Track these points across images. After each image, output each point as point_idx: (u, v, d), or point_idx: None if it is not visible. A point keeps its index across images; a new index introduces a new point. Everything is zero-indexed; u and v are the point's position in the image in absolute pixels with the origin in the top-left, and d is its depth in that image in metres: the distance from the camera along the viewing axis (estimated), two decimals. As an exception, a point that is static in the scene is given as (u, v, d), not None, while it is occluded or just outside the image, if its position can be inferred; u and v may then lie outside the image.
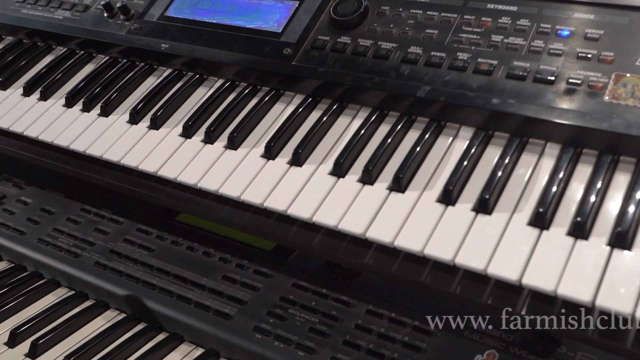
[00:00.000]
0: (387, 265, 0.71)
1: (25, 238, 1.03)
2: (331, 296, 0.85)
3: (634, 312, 0.58)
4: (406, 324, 0.80)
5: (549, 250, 0.64)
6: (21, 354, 0.83)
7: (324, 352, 0.78)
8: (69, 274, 0.96)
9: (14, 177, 1.17)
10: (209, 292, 0.88)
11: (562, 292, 0.61)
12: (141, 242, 0.98)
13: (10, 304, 0.91)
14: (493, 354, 0.75)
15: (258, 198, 0.77)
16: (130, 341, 0.84)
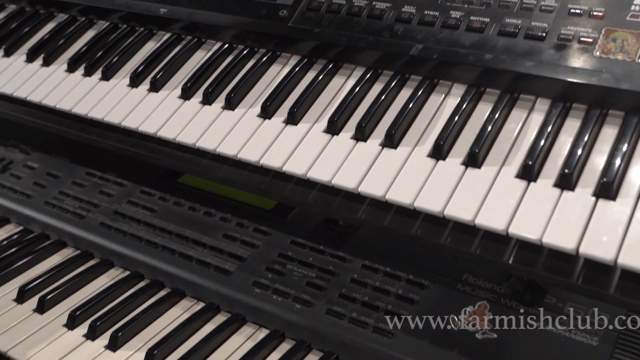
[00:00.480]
0: (380, 218, 0.73)
1: (32, 201, 1.05)
2: (328, 252, 0.87)
3: (616, 259, 0.60)
4: (400, 277, 0.82)
5: (536, 201, 0.66)
6: (29, 310, 0.86)
7: (320, 304, 0.80)
8: (74, 235, 0.98)
9: (21, 144, 1.20)
10: (210, 249, 0.90)
11: (547, 240, 0.62)
12: (144, 204, 1.01)
13: (18, 263, 0.93)
14: (484, 305, 0.77)
15: (254, 156, 0.79)
16: (133, 297, 0.86)
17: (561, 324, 0.74)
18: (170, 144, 0.88)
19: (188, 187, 1.03)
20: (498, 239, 0.67)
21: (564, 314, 0.75)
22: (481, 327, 0.75)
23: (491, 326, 0.75)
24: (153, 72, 0.94)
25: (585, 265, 0.64)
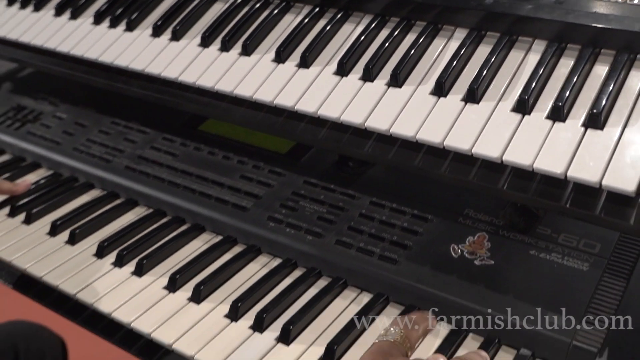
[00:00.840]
0: (385, 152, 0.79)
1: (62, 148, 1.12)
2: (338, 191, 0.93)
3: (601, 181, 0.65)
4: (405, 212, 0.87)
5: (529, 132, 0.71)
6: (62, 242, 0.93)
7: (330, 236, 0.86)
8: (101, 177, 1.05)
9: (49, 97, 1.26)
10: (228, 189, 0.96)
11: (538, 166, 0.68)
12: (166, 149, 1.07)
13: (50, 202, 1.00)
14: (483, 235, 0.83)
15: (269, 97, 0.84)
16: (157, 230, 0.93)
17: (554, 251, 0.79)
18: (190, 89, 0.94)
19: (207, 134, 1.09)
20: (494, 168, 0.73)
21: (557, 243, 0.80)
22: (479, 255, 0.80)
23: (489, 254, 0.80)
24: (175, 23, 0.99)
25: (574, 190, 0.69)
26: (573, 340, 0.69)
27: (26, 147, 1.15)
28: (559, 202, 0.69)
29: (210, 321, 0.79)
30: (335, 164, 0.98)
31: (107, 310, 0.81)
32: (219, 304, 0.81)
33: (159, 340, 0.77)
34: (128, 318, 0.79)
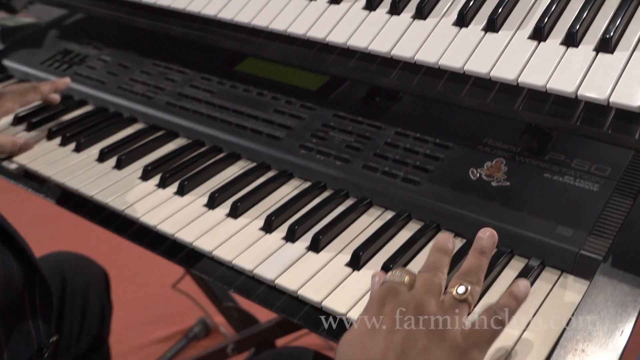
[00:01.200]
0: (409, 80, 0.85)
1: (106, 86, 1.20)
2: (366, 122, 0.99)
3: (609, 98, 0.70)
4: (428, 141, 0.93)
5: (544, 56, 0.76)
6: (109, 167, 1.01)
7: (357, 161, 0.93)
8: (144, 112, 1.12)
9: (94, 41, 1.33)
10: (262, 121, 1.03)
11: (551, 86, 0.73)
12: (204, 87, 1.14)
13: (97, 133, 1.08)
14: (500, 160, 0.88)
15: (301, 30, 0.91)
16: (196, 157, 1.00)
17: (567, 174, 0.84)
18: (228, 26, 1.01)
19: (243, 74, 1.15)
20: (510, 91, 0.78)
21: (570, 167, 0.85)
22: (496, 178, 0.86)
23: (505, 177, 0.86)
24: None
25: (584, 109, 0.74)
26: (580, 250, 0.75)
27: (73, 86, 1.22)
28: (570, 120, 0.74)
29: (247, 233, 0.86)
30: (362, 99, 1.04)
31: (153, 224, 0.89)
32: (254, 219, 0.88)
33: (200, 249, 0.84)
34: (172, 230, 0.87)
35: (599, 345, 0.64)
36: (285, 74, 1.12)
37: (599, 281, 0.71)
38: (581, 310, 0.68)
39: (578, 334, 0.65)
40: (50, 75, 1.26)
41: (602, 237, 0.75)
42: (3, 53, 1.34)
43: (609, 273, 0.71)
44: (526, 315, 0.70)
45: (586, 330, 0.66)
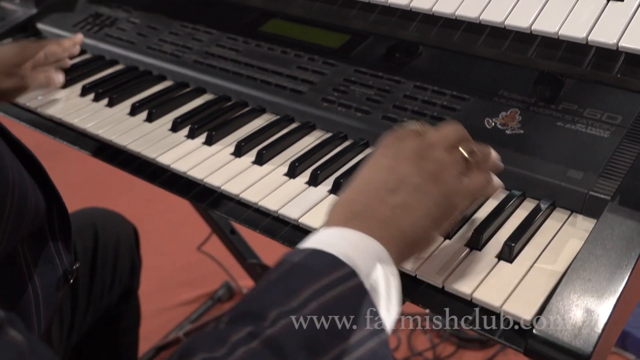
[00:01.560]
0: (427, 32, 0.88)
1: (136, 47, 1.25)
2: (385, 77, 1.03)
3: (618, 42, 0.73)
4: (445, 93, 0.97)
5: (557, 4, 0.80)
6: (141, 120, 1.06)
7: (377, 113, 0.97)
8: (172, 70, 1.17)
9: (123, 5, 1.38)
10: (286, 77, 1.07)
11: (564, 32, 0.77)
12: (230, 46, 1.18)
13: (129, 88, 1.13)
14: (515, 110, 0.92)
15: (324, -15, 0.95)
16: (223, 110, 1.05)
17: (579, 123, 0.87)
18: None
19: (267, 34, 1.19)
20: (524, 40, 0.82)
21: (582, 116, 0.88)
22: (511, 126, 0.90)
23: (519, 125, 0.89)
24: None
25: (595, 55, 0.78)
26: (590, 191, 0.79)
27: (104, 47, 1.28)
28: (581, 66, 0.78)
29: (272, 178, 0.91)
30: (383, 56, 1.07)
31: (183, 170, 0.94)
32: (278, 165, 0.93)
33: (228, 192, 0.89)
34: (201, 175, 0.92)
35: (605, 275, 0.68)
36: (308, 33, 1.16)
37: (607, 218, 0.74)
38: (589, 243, 0.72)
39: (585, 264, 0.69)
40: (84, 37, 1.32)
41: (610, 179, 0.79)
42: (37, 17, 1.39)
43: (616, 211, 0.75)
44: (537, 249, 0.74)
45: (593, 261, 0.70)
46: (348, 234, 0.62)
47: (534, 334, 0.65)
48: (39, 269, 0.76)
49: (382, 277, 0.60)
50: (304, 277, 0.57)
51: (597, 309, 0.65)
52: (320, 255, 0.59)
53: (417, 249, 0.66)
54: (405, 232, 0.64)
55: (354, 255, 0.59)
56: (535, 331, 0.65)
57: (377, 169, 0.68)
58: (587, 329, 0.64)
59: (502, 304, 0.68)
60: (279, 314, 0.54)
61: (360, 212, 0.64)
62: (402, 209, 0.64)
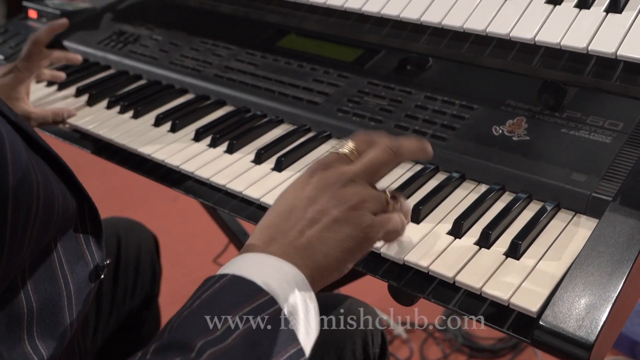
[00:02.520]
0: (437, 45, 0.93)
1: (159, 62, 1.31)
2: (397, 88, 1.08)
3: (616, 52, 0.78)
4: (455, 103, 1.02)
5: (559, 17, 0.84)
6: (165, 131, 1.12)
7: (390, 122, 1.02)
8: (194, 84, 1.23)
9: (146, 23, 1.45)
10: (302, 89, 1.13)
11: (565, 43, 0.81)
12: (249, 61, 1.24)
13: (153, 101, 1.19)
14: (521, 118, 0.96)
15: (338, 2, 1.00)
16: (243, 120, 1.10)
17: (582, 129, 0.92)
18: (272, 2, 1.10)
19: (284, 48, 1.25)
20: (528, 50, 0.87)
21: (585, 123, 0.93)
22: (517, 133, 0.94)
23: (525, 132, 0.94)
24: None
25: (595, 64, 0.82)
26: (592, 192, 0.83)
27: (128, 63, 1.34)
28: (582, 74, 0.83)
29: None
30: (395, 68, 1.13)
31: (206, 176, 0.99)
32: (297, 172, 0.98)
33: (249, 197, 0.94)
34: (224, 181, 0.97)
35: (607, 270, 0.72)
36: (323, 48, 1.22)
37: (608, 217, 0.79)
38: (591, 240, 0.76)
39: (588, 260, 0.74)
40: (108, 53, 1.38)
41: (612, 181, 0.83)
42: (63, 35, 1.46)
43: (617, 210, 0.79)
44: (543, 247, 0.79)
45: (595, 257, 0.74)
46: (267, 259, 0.64)
47: (540, 325, 0.69)
48: (72, 265, 0.80)
49: (301, 301, 0.62)
50: (225, 305, 0.59)
51: (600, 301, 0.69)
52: (241, 282, 0.62)
53: (330, 278, 0.68)
54: (319, 262, 0.66)
55: (273, 282, 0.61)
56: (541, 322, 0.69)
57: (300, 197, 0.69)
58: (590, 319, 0.68)
59: (509, 297, 0.72)
60: (204, 344, 0.57)
61: (279, 239, 0.67)
62: (319, 240, 0.66)
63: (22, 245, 0.68)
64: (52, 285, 0.77)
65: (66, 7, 1.49)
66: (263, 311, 0.60)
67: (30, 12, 1.53)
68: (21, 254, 0.69)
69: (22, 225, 0.67)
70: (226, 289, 0.61)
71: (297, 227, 0.68)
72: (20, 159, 0.66)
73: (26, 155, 0.68)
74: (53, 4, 1.52)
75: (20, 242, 0.67)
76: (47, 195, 0.71)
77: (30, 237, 0.69)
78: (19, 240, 0.67)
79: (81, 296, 0.81)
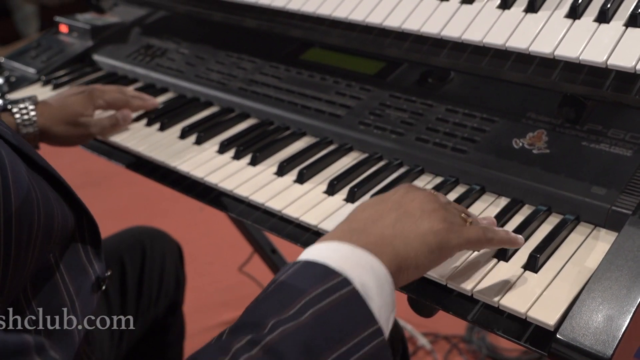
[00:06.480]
0: (457, 58, 0.94)
1: (185, 75, 1.33)
2: (419, 101, 1.09)
3: (635, 66, 0.78)
4: (475, 116, 1.03)
5: (578, 32, 0.85)
6: (190, 143, 1.14)
7: (411, 135, 1.03)
8: (219, 97, 1.25)
9: (173, 37, 1.48)
10: (325, 102, 1.14)
11: (584, 57, 0.82)
12: (272, 74, 1.26)
13: (179, 114, 1.22)
14: (542, 131, 0.97)
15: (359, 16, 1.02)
16: (266, 132, 1.12)
17: (603, 142, 0.92)
18: (295, 17, 1.12)
19: (307, 62, 1.27)
20: (548, 65, 0.87)
21: (606, 136, 0.93)
22: (537, 146, 0.95)
23: (546, 145, 0.94)
24: (281, -37, 1.18)
25: (614, 78, 0.83)
26: (612, 206, 0.83)
27: (155, 76, 1.37)
28: (602, 88, 0.83)
29: (311, 195, 0.97)
30: (416, 81, 1.14)
31: (229, 188, 1.01)
32: (318, 184, 1.00)
33: (271, 208, 0.96)
34: (246, 193, 0.99)
35: (625, 284, 0.72)
36: (346, 61, 1.23)
37: (628, 231, 0.79)
38: (610, 254, 0.76)
39: (606, 273, 0.74)
40: (135, 66, 1.41)
41: (632, 195, 0.83)
42: (93, 49, 1.50)
43: (637, 224, 0.79)
44: (561, 261, 0.79)
45: (614, 270, 0.74)
46: (341, 247, 0.64)
47: (557, 338, 0.69)
48: (73, 276, 0.82)
49: (375, 284, 0.62)
50: (298, 288, 0.60)
51: (618, 315, 0.69)
52: (313, 266, 0.62)
53: (408, 273, 0.68)
54: (398, 251, 0.66)
55: (346, 265, 0.61)
56: (558, 335, 0.69)
57: (385, 201, 0.72)
58: (608, 333, 0.68)
59: (527, 310, 0.73)
60: (276, 322, 0.57)
61: (358, 230, 0.68)
62: (400, 232, 0.68)
63: (26, 261, 0.70)
64: (55, 297, 0.79)
65: (96, 22, 1.53)
66: (336, 291, 0.59)
67: (62, 26, 1.57)
68: (25, 270, 0.71)
69: (26, 242, 0.69)
70: (299, 273, 0.62)
71: (379, 222, 0.68)
72: (21, 179, 0.69)
73: (26, 175, 0.71)
74: (84, 19, 1.56)
75: (24, 258, 0.70)
76: (47, 212, 0.74)
77: (33, 252, 0.72)
78: (23, 257, 0.69)
79: (85, 307, 0.83)
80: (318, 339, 0.56)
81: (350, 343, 0.58)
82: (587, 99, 0.89)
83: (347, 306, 0.60)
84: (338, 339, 0.57)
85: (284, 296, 0.60)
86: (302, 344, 0.56)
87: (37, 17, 4.61)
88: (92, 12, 1.59)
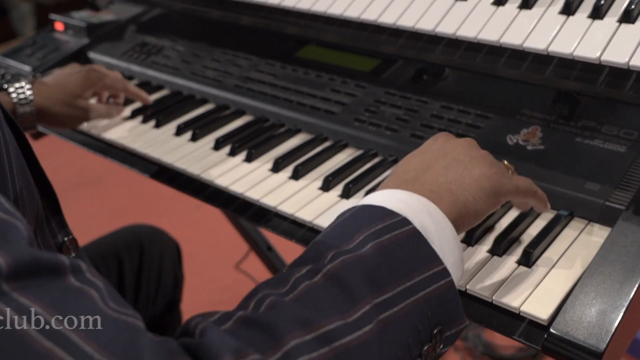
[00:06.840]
0: (451, 55, 0.95)
1: (181, 73, 1.33)
2: (414, 98, 1.09)
3: (628, 62, 0.79)
4: (470, 112, 1.03)
5: (572, 28, 0.85)
6: (186, 140, 1.14)
7: (406, 131, 1.03)
8: (214, 94, 1.25)
9: (168, 34, 1.48)
10: (320, 99, 1.15)
11: (578, 53, 0.82)
12: (268, 71, 1.26)
13: (174, 111, 1.22)
14: (536, 127, 0.97)
15: (354, 13, 1.02)
16: (261, 129, 1.13)
17: (597, 138, 0.92)
18: (290, 14, 1.13)
19: (302, 59, 1.27)
20: (542, 61, 0.87)
21: (600, 132, 0.93)
22: (532, 142, 0.95)
23: (540, 141, 0.95)
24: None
25: (608, 74, 0.83)
26: (606, 201, 0.83)
27: (151, 74, 1.37)
28: (595, 84, 0.83)
29: (307, 192, 0.97)
30: (411, 78, 1.14)
31: (224, 185, 1.01)
32: (313, 180, 1.00)
33: (266, 205, 0.96)
34: (242, 189, 0.99)
35: (618, 278, 0.73)
36: (341, 58, 1.24)
37: (621, 226, 0.79)
38: (603, 249, 0.76)
39: (600, 268, 0.74)
40: (131, 64, 1.41)
41: (626, 191, 0.83)
42: (88, 46, 1.50)
43: (630, 219, 0.79)
44: (555, 256, 0.79)
45: (607, 265, 0.74)
46: (397, 193, 0.63)
47: (551, 333, 0.70)
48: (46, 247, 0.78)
49: (434, 228, 0.60)
50: (357, 225, 0.59)
51: (611, 309, 0.70)
52: (369, 208, 0.61)
53: (467, 218, 0.66)
54: (458, 198, 0.65)
55: (404, 208, 0.60)
56: (552, 330, 0.70)
57: (428, 150, 0.71)
58: (601, 327, 0.69)
59: (520, 305, 0.73)
60: (336, 253, 0.55)
61: (411, 179, 0.66)
62: (454, 178, 0.66)
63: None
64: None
65: (92, 20, 1.53)
66: (397, 228, 0.58)
67: (57, 24, 1.57)
68: None
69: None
70: (356, 215, 0.61)
71: (431, 170, 0.67)
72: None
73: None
74: (79, 17, 1.55)
75: None
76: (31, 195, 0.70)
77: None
78: None
79: None
80: (381, 271, 0.55)
81: (415, 279, 0.56)
82: (580, 95, 0.89)
83: (410, 242, 0.58)
84: (402, 273, 0.56)
85: (343, 232, 0.59)
86: (365, 272, 0.54)
87: (33, 16, 4.60)
88: (88, 10, 1.59)
